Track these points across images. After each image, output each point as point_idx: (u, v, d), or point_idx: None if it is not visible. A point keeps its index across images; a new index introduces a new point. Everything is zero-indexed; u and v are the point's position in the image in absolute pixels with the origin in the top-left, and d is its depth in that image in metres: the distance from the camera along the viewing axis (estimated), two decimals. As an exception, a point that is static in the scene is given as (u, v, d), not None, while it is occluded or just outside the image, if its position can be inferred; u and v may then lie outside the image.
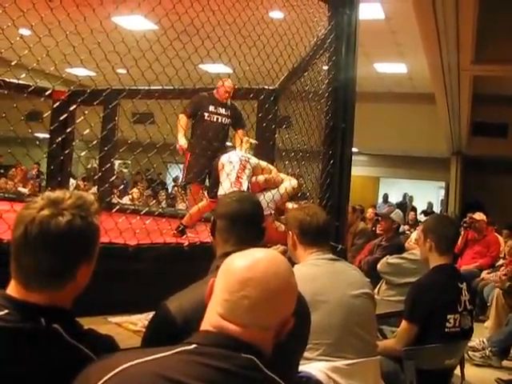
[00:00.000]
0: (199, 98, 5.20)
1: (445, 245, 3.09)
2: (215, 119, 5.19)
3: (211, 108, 5.19)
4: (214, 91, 5.23)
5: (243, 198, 2.09)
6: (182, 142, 4.99)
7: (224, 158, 4.41)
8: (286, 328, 1.31)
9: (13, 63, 2.73)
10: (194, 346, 1.24)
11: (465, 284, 3.10)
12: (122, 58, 2.93)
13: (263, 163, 4.56)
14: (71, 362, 1.31)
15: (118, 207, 3.39)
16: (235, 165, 4.31)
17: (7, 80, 5.41)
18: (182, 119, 5.06)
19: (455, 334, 2.98)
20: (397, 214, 5.69)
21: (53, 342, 1.33)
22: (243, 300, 1.24)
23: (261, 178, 4.44)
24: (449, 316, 2.95)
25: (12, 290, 1.37)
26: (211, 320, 1.28)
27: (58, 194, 1.40)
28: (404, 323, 3.02)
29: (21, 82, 4.96)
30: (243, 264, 1.29)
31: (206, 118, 5.16)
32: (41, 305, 1.34)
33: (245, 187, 4.21)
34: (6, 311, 1.32)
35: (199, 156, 5.00)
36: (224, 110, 5.23)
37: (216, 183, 4.40)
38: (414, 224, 10.82)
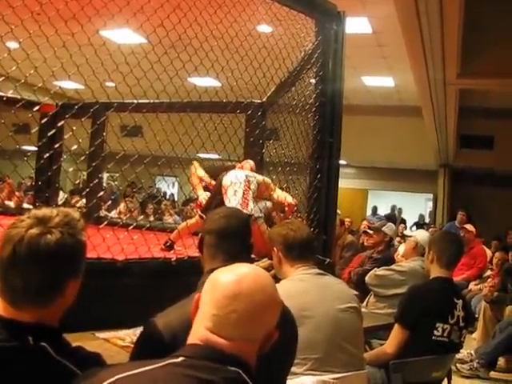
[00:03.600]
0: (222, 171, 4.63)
1: (446, 259, 3.20)
2: None
3: None
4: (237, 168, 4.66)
5: (231, 214, 2.11)
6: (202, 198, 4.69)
7: (226, 180, 4.30)
8: (271, 340, 1.34)
9: (1, 79, 2.72)
10: (181, 358, 1.25)
11: (461, 301, 3.18)
12: (109, 75, 2.93)
13: (266, 179, 4.48)
14: (59, 380, 1.31)
15: (106, 222, 3.39)
16: (240, 185, 4.21)
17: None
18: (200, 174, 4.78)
19: (442, 344, 3.03)
20: (389, 227, 5.62)
21: (41, 360, 1.33)
22: (232, 314, 1.26)
23: (269, 203, 4.45)
24: (437, 324, 3.02)
25: (-1, 308, 1.38)
26: (198, 334, 1.29)
27: (44, 211, 1.41)
28: (395, 326, 3.10)
29: (9, 95, 4.93)
30: (230, 279, 1.31)
31: None
32: (28, 323, 1.35)
33: (251, 208, 4.11)
34: (-7, 330, 1.32)
35: None
36: None
37: (213, 203, 4.28)
38: (403, 237, 10.73)
